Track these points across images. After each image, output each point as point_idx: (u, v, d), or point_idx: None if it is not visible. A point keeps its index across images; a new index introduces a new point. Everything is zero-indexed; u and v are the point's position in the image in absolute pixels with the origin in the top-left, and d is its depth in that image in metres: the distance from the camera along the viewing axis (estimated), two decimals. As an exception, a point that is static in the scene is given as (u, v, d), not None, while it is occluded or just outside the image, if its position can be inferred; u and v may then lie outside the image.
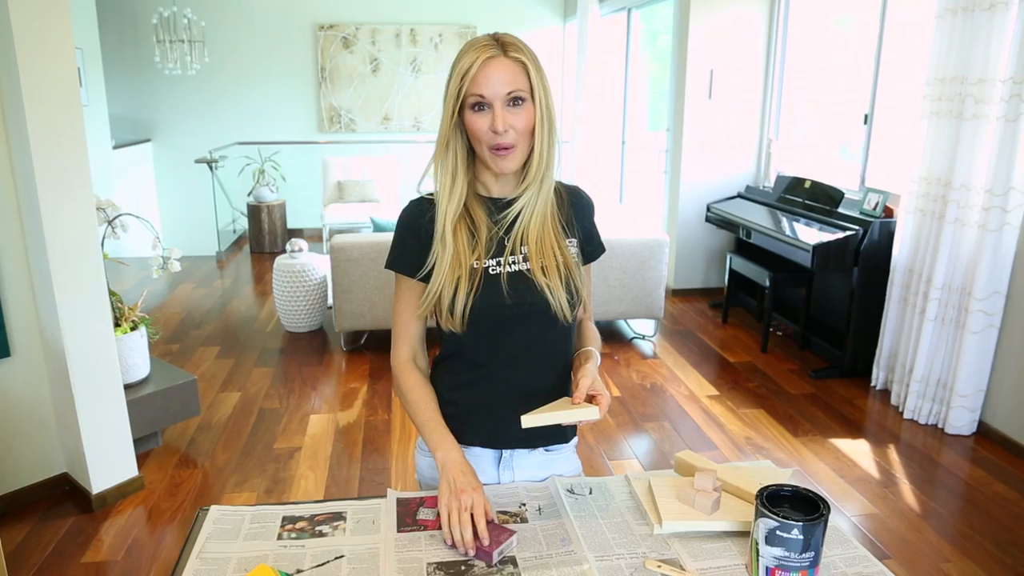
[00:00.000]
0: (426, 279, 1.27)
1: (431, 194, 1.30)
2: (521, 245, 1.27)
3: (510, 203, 1.28)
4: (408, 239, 1.30)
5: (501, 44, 1.19)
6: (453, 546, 1.11)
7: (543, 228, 1.28)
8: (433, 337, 1.37)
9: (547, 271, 1.26)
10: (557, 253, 1.28)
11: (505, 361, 1.29)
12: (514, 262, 1.27)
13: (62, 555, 2.40)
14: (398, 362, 1.35)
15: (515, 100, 1.19)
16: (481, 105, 1.19)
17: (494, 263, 1.26)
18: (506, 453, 1.36)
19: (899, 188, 3.65)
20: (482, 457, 1.35)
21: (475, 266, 1.25)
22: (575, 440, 1.43)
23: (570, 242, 1.32)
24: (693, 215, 5.26)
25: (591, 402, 1.19)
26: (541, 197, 1.26)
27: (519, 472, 1.36)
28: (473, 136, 1.21)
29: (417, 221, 1.29)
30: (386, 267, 1.32)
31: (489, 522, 1.14)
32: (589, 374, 1.22)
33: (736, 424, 3.39)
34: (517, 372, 1.30)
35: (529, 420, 1.15)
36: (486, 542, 1.09)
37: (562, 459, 1.40)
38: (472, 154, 1.27)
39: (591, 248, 1.38)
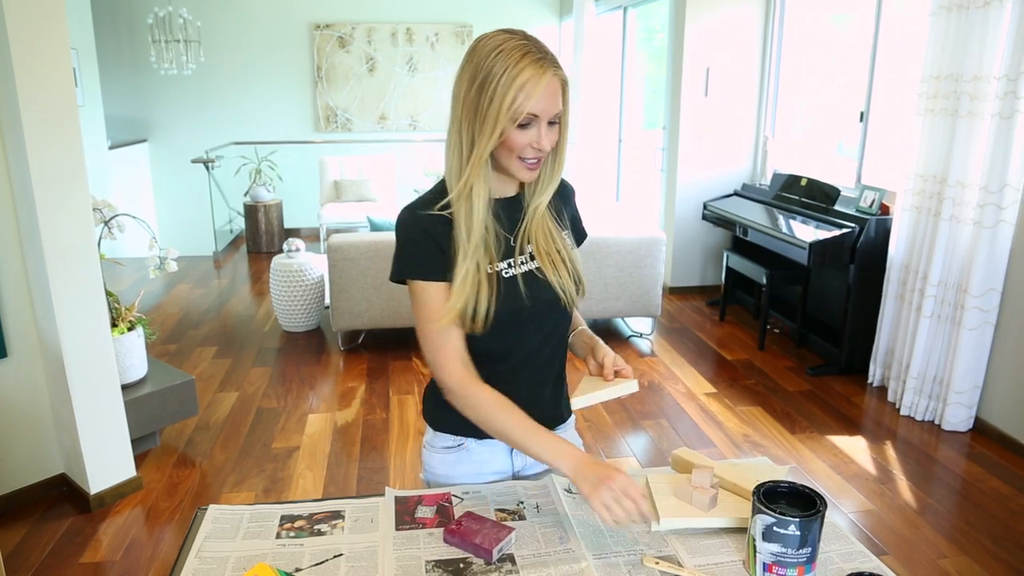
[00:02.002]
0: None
1: (425, 200, 1.24)
2: (526, 244, 1.27)
3: (510, 202, 1.28)
4: (428, 246, 1.21)
5: (549, 59, 1.13)
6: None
7: (544, 225, 1.28)
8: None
9: (556, 267, 1.27)
10: (560, 248, 1.29)
11: (520, 357, 1.30)
12: (523, 262, 1.27)
13: (60, 555, 2.39)
14: (457, 379, 1.23)
15: (555, 118, 1.17)
16: (529, 122, 1.14)
17: (505, 265, 1.25)
18: None
19: (895, 185, 3.66)
20: (496, 446, 1.35)
21: (490, 271, 1.23)
22: (572, 418, 1.47)
23: (566, 233, 1.34)
24: (690, 213, 5.26)
25: (617, 376, 1.24)
26: (546, 197, 1.27)
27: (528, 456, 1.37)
28: (506, 147, 1.17)
29: (432, 228, 1.21)
30: (410, 279, 1.22)
31: (487, 520, 1.15)
32: (609, 352, 1.27)
33: (733, 421, 3.39)
34: (530, 365, 1.31)
35: (578, 403, 1.19)
36: (649, 518, 1.09)
37: (566, 436, 1.42)
38: None
39: (577, 235, 1.40)
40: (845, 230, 3.72)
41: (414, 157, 7.81)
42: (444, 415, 1.33)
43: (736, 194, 5.04)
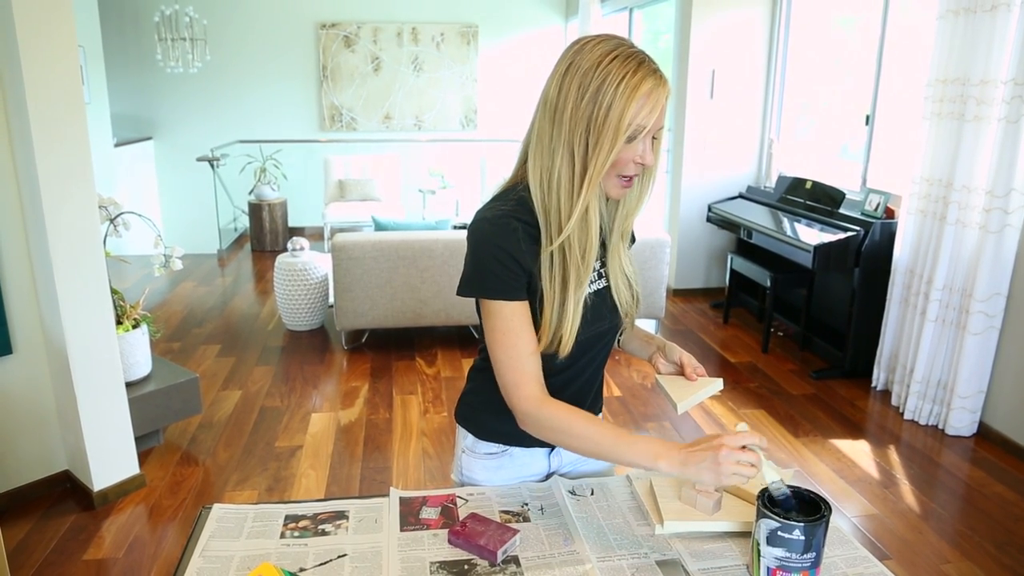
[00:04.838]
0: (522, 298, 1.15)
1: (507, 211, 1.14)
2: (598, 262, 1.23)
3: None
4: (509, 263, 1.12)
5: (659, 69, 1.05)
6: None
7: (621, 244, 1.24)
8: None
9: (623, 286, 1.25)
10: (628, 266, 1.26)
11: (572, 372, 1.25)
12: (593, 280, 1.22)
13: (63, 552, 2.40)
14: (534, 403, 1.14)
15: (657, 133, 1.10)
16: (635, 136, 1.07)
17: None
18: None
19: (900, 189, 3.65)
20: (537, 450, 1.34)
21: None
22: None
23: (625, 244, 1.29)
24: (694, 215, 5.26)
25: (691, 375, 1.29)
26: (635, 218, 1.22)
27: (565, 455, 1.37)
28: (612, 163, 1.09)
29: (513, 244, 1.11)
30: (489, 299, 1.13)
31: (492, 522, 1.15)
32: (684, 352, 1.31)
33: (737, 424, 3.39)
34: (578, 378, 1.28)
35: (684, 406, 1.23)
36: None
37: None
38: None
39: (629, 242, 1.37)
40: (850, 233, 3.71)
41: (419, 157, 7.82)
42: (487, 423, 1.32)
43: (741, 196, 5.03)
